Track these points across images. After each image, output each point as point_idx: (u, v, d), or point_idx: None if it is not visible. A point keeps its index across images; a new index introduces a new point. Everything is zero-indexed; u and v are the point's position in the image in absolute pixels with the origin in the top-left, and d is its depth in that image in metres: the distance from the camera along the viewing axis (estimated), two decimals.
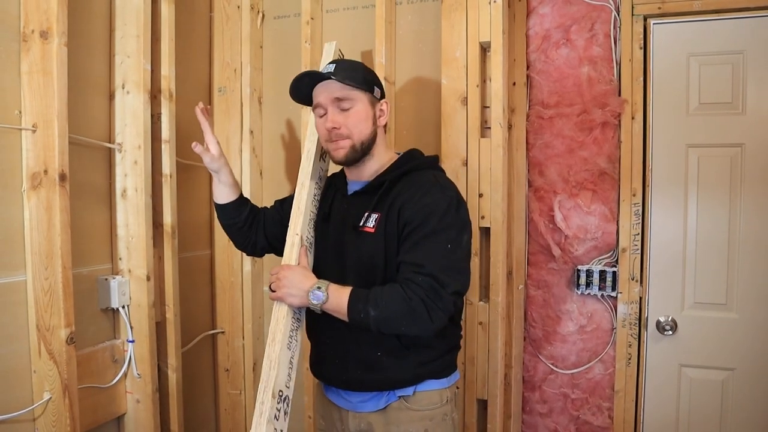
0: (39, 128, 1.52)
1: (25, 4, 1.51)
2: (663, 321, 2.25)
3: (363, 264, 1.45)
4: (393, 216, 1.42)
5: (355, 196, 1.54)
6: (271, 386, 1.36)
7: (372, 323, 1.34)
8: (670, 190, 2.24)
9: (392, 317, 1.33)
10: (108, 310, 1.84)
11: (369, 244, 1.44)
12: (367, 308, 1.33)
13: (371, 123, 1.50)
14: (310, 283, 1.41)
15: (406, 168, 1.50)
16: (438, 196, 1.41)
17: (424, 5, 2.15)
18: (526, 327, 2.44)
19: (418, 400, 1.47)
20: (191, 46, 2.27)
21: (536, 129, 2.36)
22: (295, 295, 1.42)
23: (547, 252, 2.39)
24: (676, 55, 2.22)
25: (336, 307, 1.37)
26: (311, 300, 1.39)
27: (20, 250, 1.53)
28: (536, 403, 2.45)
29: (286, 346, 1.43)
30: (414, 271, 1.34)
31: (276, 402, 1.36)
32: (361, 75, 1.49)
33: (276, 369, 1.39)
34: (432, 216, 1.37)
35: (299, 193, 1.64)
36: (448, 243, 1.37)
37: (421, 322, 1.32)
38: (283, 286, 1.44)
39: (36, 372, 1.54)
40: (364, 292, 1.36)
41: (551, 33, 2.33)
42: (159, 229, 1.96)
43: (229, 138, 2.38)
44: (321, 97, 1.49)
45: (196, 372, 2.34)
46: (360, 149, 1.48)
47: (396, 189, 1.46)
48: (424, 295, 1.31)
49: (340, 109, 1.47)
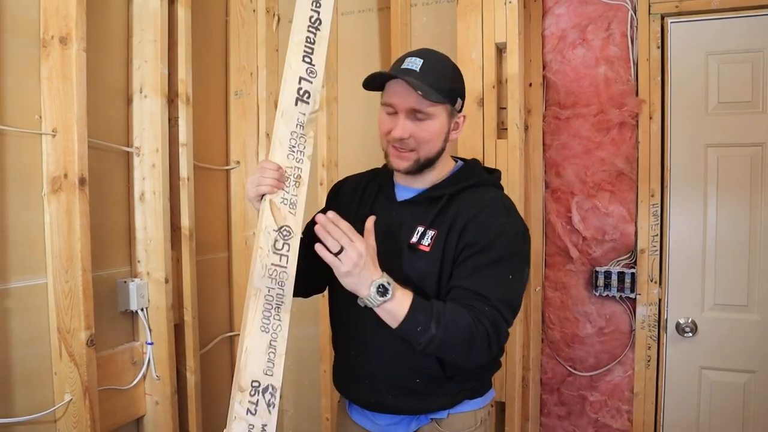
0: (59, 133, 1.54)
1: (45, 11, 1.53)
2: (683, 323, 2.23)
3: (412, 284, 1.26)
4: (453, 235, 1.26)
5: (406, 206, 1.36)
6: (240, 378, 1.21)
7: (426, 340, 1.17)
8: (689, 190, 2.22)
9: (452, 341, 1.18)
10: (127, 313, 1.85)
11: (423, 263, 1.28)
12: (429, 322, 1.16)
13: (443, 139, 1.32)
14: (378, 273, 1.18)
15: (468, 183, 1.34)
16: (506, 220, 1.28)
17: (439, 7, 2.15)
18: (543, 329, 2.43)
19: (451, 423, 1.35)
20: (207, 50, 2.29)
21: (553, 130, 2.35)
22: (357, 278, 1.16)
23: (564, 253, 2.37)
24: (694, 54, 2.20)
25: (394, 311, 1.18)
26: (372, 292, 1.16)
27: (41, 254, 1.54)
28: (554, 406, 2.43)
29: (260, 329, 1.23)
30: (480, 301, 1.20)
31: (249, 395, 1.20)
32: (447, 83, 1.29)
33: (245, 357, 1.21)
34: (499, 240, 1.24)
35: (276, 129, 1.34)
36: (511, 274, 1.24)
37: (478, 353, 1.21)
38: (355, 263, 1.15)
39: (57, 374, 1.56)
40: (428, 303, 1.20)
41: (567, 33, 2.32)
42: (177, 231, 1.97)
43: (245, 141, 2.39)
44: (396, 99, 1.28)
45: (214, 374, 2.35)
46: (424, 164, 1.31)
47: (455, 204, 1.30)
48: (489, 327, 1.19)
49: (415, 119, 1.27)
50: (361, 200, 1.44)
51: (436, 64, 1.30)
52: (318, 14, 1.38)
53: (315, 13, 1.38)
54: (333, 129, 2.27)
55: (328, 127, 2.24)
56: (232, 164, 2.41)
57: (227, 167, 2.41)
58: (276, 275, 1.25)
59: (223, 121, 2.41)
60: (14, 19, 1.48)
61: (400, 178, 1.40)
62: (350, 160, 2.31)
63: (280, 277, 1.26)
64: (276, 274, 1.25)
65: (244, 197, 2.41)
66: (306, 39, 1.37)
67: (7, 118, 1.47)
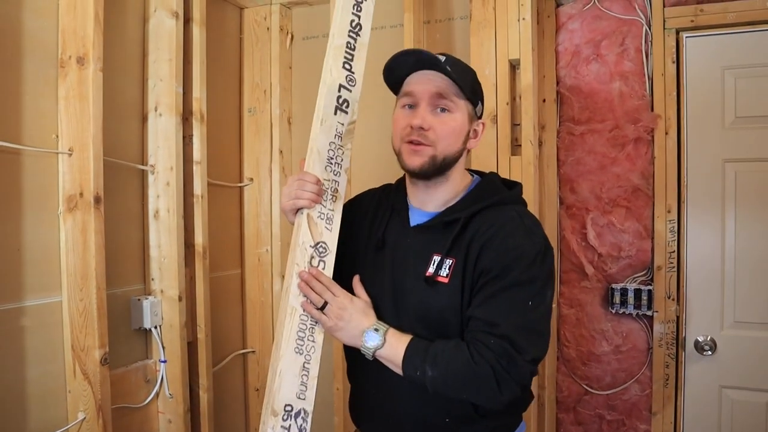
0: (75, 152, 1.55)
1: (63, 32, 1.55)
2: (701, 341, 2.19)
3: (433, 320, 1.20)
4: (471, 261, 1.18)
5: (420, 231, 1.27)
6: (272, 402, 1.17)
7: (429, 384, 1.13)
8: (707, 205, 2.19)
9: (452, 382, 1.12)
10: (140, 331, 1.85)
11: (442, 297, 1.19)
12: (425, 366, 1.12)
13: (462, 141, 1.24)
14: (369, 322, 1.19)
15: (485, 204, 1.24)
16: (523, 241, 1.17)
17: (452, 24, 2.15)
18: (559, 347, 2.40)
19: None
20: (221, 68, 2.31)
21: (567, 145, 2.33)
22: (351, 334, 1.19)
23: (579, 270, 2.35)
24: (710, 69, 2.18)
25: (390, 357, 1.16)
26: (364, 342, 1.17)
27: (56, 272, 1.55)
28: (570, 425, 2.39)
29: (294, 350, 1.20)
30: (485, 331, 1.12)
31: (282, 420, 1.17)
32: (470, 81, 1.24)
33: (279, 379, 1.18)
34: (515, 264, 1.14)
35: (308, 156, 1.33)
36: (530, 299, 1.14)
37: (488, 392, 1.11)
38: (339, 316, 1.19)
39: (71, 392, 1.56)
40: (424, 345, 1.15)
41: (581, 48, 2.31)
42: (190, 249, 1.97)
43: (259, 158, 2.40)
44: (418, 86, 1.21)
45: (227, 392, 2.34)
46: (440, 164, 1.21)
47: (472, 227, 1.21)
48: (494, 361, 1.09)
49: (437, 109, 1.21)
50: (373, 224, 1.37)
51: (459, 63, 1.24)
52: (359, 19, 1.35)
53: (356, 17, 1.34)
54: None
55: None
56: (246, 181, 2.42)
57: (240, 184, 2.42)
58: None
59: (237, 139, 2.43)
60: (32, 40, 1.50)
61: (414, 198, 1.32)
62: (365, 173, 2.30)
63: None
64: None
65: (257, 214, 2.41)
66: (347, 44, 1.33)
67: (25, 137, 1.49)
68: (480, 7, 1.98)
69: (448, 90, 1.19)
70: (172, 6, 1.85)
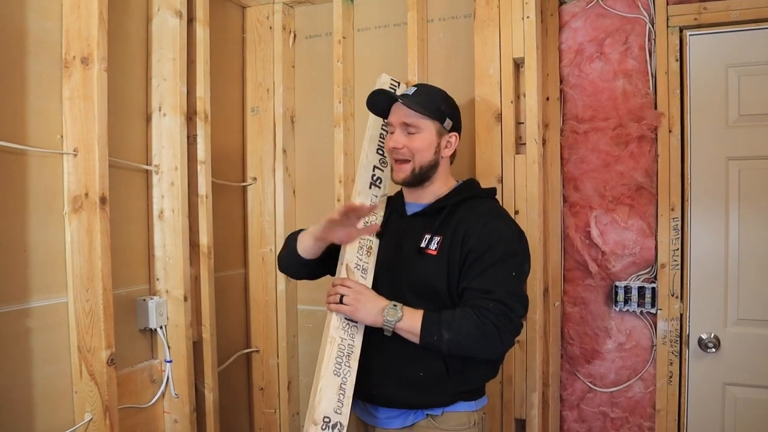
0: (80, 152, 1.55)
1: (67, 32, 1.55)
2: (705, 338, 2.19)
3: (422, 286, 1.48)
4: (457, 241, 1.46)
5: (414, 218, 1.58)
6: (313, 414, 1.37)
7: (445, 346, 1.37)
8: (711, 203, 2.19)
9: (466, 341, 1.37)
10: (146, 331, 1.85)
11: (431, 266, 1.47)
12: (441, 331, 1.36)
13: (433, 152, 1.53)
14: (384, 302, 1.43)
15: (467, 195, 1.55)
16: (501, 224, 1.48)
17: (456, 22, 2.14)
18: (563, 345, 2.40)
19: (446, 420, 1.49)
20: (224, 67, 2.30)
21: (571, 144, 2.33)
22: (370, 312, 1.43)
23: (583, 268, 2.35)
24: (714, 67, 2.17)
25: (409, 328, 1.39)
26: (386, 317, 1.40)
27: (62, 273, 1.55)
28: (574, 423, 2.40)
29: (333, 372, 1.43)
30: (484, 297, 1.39)
31: (321, 428, 1.36)
32: (435, 104, 1.52)
33: (320, 396, 1.39)
34: (498, 244, 1.43)
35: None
36: (513, 270, 1.43)
37: (494, 346, 1.39)
38: (358, 300, 1.44)
39: (77, 393, 1.56)
40: (437, 316, 1.39)
41: (584, 47, 2.31)
42: (195, 249, 1.97)
43: (262, 157, 2.40)
44: (393, 117, 1.56)
45: (231, 391, 2.34)
46: (419, 173, 1.53)
47: (458, 215, 1.50)
48: (495, 320, 1.36)
49: (407, 132, 1.52)
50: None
51: (428, 91, 1.57)
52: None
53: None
54: (350, 145, 2.26)
55: (345, 144, 2.24)
56: (249, 180, 2.42)
57: (244, 183, 2.42)
58: (349, 329, 1.48)
59: (240, 138, 2.42)
60: (36, 40, 1.50)
61: (408, 195, 1.62)
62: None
63: (352, 330, 1.48)
64: (349, 328, 1.48)
65: (261, 213, 2.41)
66: (380, 135, 1.79)
67: (30, 138, 1.48)
68: (484, 5, 1.98)
69: (412, 117, 1.50)
70: (176, 5, 1.84)
